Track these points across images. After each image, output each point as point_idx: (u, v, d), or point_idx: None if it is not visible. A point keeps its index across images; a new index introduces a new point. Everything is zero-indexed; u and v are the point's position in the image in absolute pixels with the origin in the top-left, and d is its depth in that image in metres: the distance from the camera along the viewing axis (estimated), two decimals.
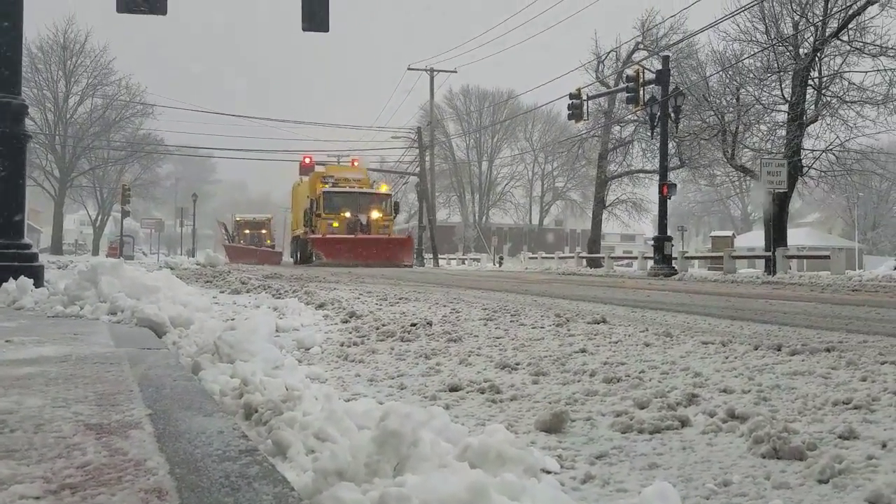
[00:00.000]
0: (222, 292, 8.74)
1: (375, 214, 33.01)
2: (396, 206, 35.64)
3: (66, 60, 43.50)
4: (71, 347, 3.18)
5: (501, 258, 45.29)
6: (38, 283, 6.52)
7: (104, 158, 46.61)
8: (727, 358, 3.42)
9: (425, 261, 39.41)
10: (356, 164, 40.56)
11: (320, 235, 31.03)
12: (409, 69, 40.88)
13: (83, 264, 6.52)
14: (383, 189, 36.72)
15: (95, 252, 47.59)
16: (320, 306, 6.56)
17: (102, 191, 48.89)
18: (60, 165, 43.56)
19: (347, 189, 34.33)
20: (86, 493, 1.21)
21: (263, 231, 55.66)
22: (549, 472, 1.79)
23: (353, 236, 31.03)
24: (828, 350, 3.52)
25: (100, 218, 51.16)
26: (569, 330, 4.63)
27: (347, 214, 32.26)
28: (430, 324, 4.87)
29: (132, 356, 2.94)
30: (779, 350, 3.56)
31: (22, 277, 5.88)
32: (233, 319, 4.89)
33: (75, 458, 1.42)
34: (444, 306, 6.57)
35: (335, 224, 31.90)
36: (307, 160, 40.71)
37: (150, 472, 1.33)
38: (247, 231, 54.26)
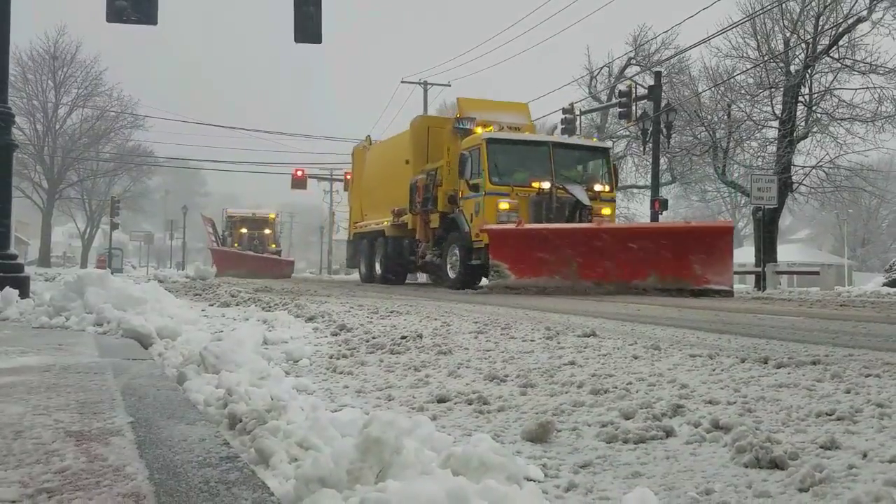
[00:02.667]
0: (211, 305, 8.70)
1: (597, 187, 15.56)
2: (615, 173, 17.66)
3: (56, 70, 43.45)
4: (55, 357, 3.16)
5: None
6: (24, 293, 6.49)
7: (93, 170, 46.46)
8: (714, 370, 3.43)
9: (418, 275, 39.37)
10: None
11: (495, 227, 13.82)
12: (402, 82, 41.03)
13: (70, 276, 6.49)
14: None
15: (84, 265, 47.31)
16: (310, 319, 6.53)
17: (91, 203, 48.69)
18: (49, 177, 43.39)
19: (535, 138, 16.62)
20: (62, 497, 1.20)
21: (266, 232, 39.48)
22: (533, 481, 1.78)
23: (574, 227, 13.80)
24: (814, 363, 3.54)
25: (88, 230, 50.94)
26: (559, 343, 4.64)
27: (545, 186, 14.80)
28: (420, 336, 4.86)
29: (116, 366, 2.93)
30: (765, 363, 3.58)
31: (7, 288, 5.84)
32: (220, 331, 4.88)
33: (54, 464, 1.41)
34: (436, 319, 6.56)
35: (504, 206, 14.75)
36: (299, 173, 40.70)
37: (128, 477, 1.32)
38: (243, 231, 38.67)
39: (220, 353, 3.15)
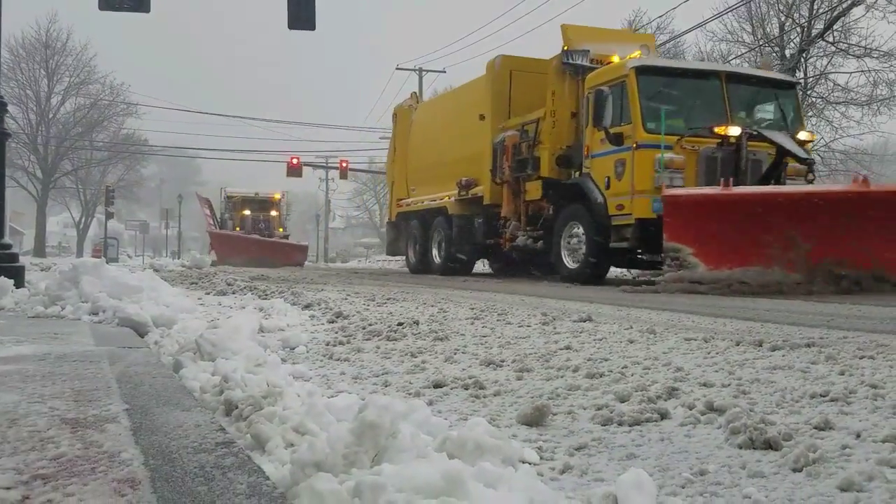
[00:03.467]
0: (207, 294, 8.70)
1: (801, 135, 10.64)
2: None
3: (48, 59, 43.14)
4: (50, 346, 3.15)
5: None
6: (19, 283, 6.48)
7: (87, 159, 46.24)
8: (709, 353, 3.44)
9: None
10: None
11: (681, 192, 9.07)
12: (397, 69, 40.85)
13: (65, 265, 6.48)
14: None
15: (79, 254, 47.17)
16: (307, 307, 6.54)
17: (86, 192, 48.48)
18: (43, 166, 43.18)
19: (704, 67, 12.81)
20: (57, 483, 1.21)
21: (273, 214, 34.47)
22: (528, 463, 1.79)
23: (819, 190, 9.54)
24: (808, 345, 3.55)
25: (83, 220, 50.76)
26: (555, 328, 4.65)
27: (732, 133, 9.90)
28: (417, 323, 4.87)
29: (112, 354, 2.93)
30: (760, 345, 3.59)
31: (2, 278, 5.82)
32: (216, 319, 4.88)
33: (49, 451, 1.41)
34: (432, 306, 6.57)
35: (671, 161, 9.83)
36: (294, 161, 40.50)
37: (123, 463, 1.32)
38: (246, 212, 33.58)
39: (216, 341, 3.15)
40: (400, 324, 4.78)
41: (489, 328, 4.71)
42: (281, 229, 34.03)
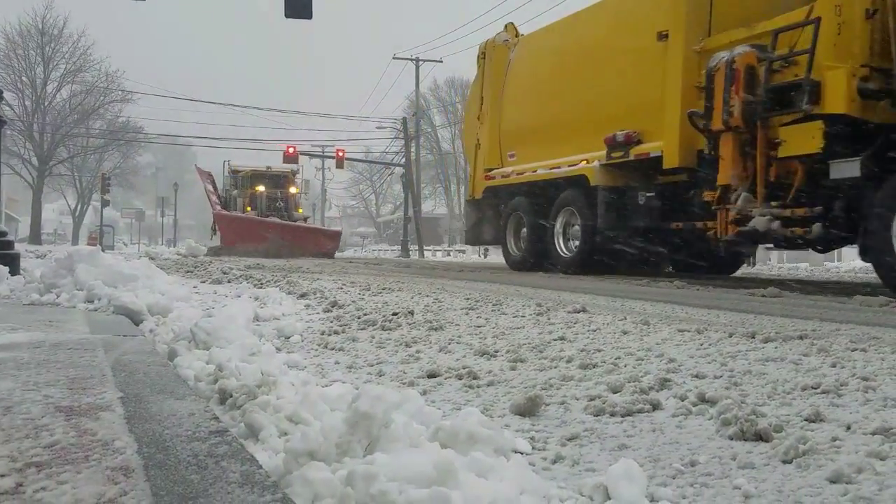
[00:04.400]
0: (203, 282, 8.69)
1: None
2: None
3: (44, 46, 42.92)
4: (45, 334, 3.15)
5: (487, 250, 45.34)
6: (14, 270, 6.46)
7: (83, 146, 46.08)
8: (702, 345, 3.46)
9: (410, 252, 39.41)
10: None
11: None
12: (394, 58, 40.73)
13: (61, 253, 6.47)
14: None
15: (75, 242, 47.08)
16: (302, 296, 6.54)
17: (82, 180, 48.35)
18: (38, 153, 43.03)
19: None
20: (51, 470, 1.21)
21: (291, 191, 28.12)
22: (520, 453, 1.80)
23: None
24: (801, 337, 3.57)
25: (79, 207, 50.64)
26: (549, 319, 4.66)
27: None
28: (411, 313, 4.88)
29: (107, 342, 2.93)
30: (752, 337, 3.61)
31: None
32: (211, 308, 4.88)
33: (43, 439, 1.41)
34: (427, 296, 6.58)
35: None
36: (290, 150, 40.32)
37: (117, 451, 1.33)
38: (259, 189, 27.32)
39: (211, 330, 3.16)
40: (395, 313, 4.78)
41: (484, 318, 4.72)
42: (300, 210, 28.07)
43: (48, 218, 65.01)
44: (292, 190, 28.20)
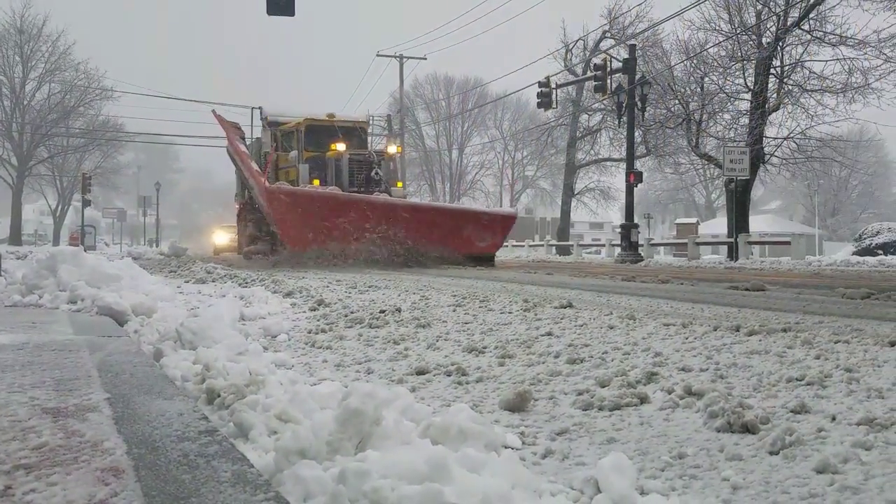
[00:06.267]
0: (187, 282, 8.63)
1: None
2: None
3: (22, 45, 42.36)
4: (28, 335, 3.12)
5: None
6: None
7: (63, 146, 45.54)
8: (687, 338, 3.48)
9: None
10: None
11: None
12: (378, 55, 40.57)
13: (42, 254, 6.39)
14: None
15: (56, 242, 46.55)
16: (288, 294, 6.51)
17: (62, 179, 47.78)
18: (18, 153, 42.49)
19: None
20: (40, 472, 1.20)
21: (391, 151, 17.26)
22: (510, 448, 1.81)
23: None
24: (784, 330, 3.60)
25: (60, 207, 50.05)
26: (536, 314, 4.67)
27: None
28: (399, 310, 4.87)
29: (92, 343, 2.90)
30: (737, 331, 3.64)
31: None
32: (197, 308, 4.85)
33: (31, 441, 1.40)
34: (414, 293, 6.57)
35: None
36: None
37: (106, 452, 1.32)
38: (337, 149, 15.68)
39: (197, 330, 3.14)
40: (382, 311, 4.78)
41: (471, 315, 4.73)
42: (400, 184, 17.24)
43: (28, 218, 64.25)
44: (392, 149, 17.13)
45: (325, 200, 13.80)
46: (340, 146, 15.46)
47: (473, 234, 14.39)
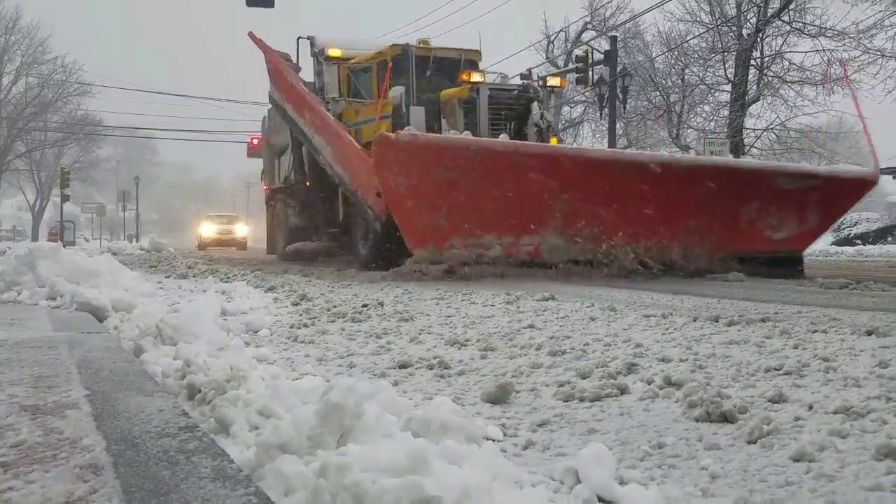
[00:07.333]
0: (168, 277, 8.57)
1: None
2: None
3: None
4: (7, 332, 3.09)
5: None
6: None
7: (41, 140, 44.93)
8: (667, 329, 3.52)
9: None
10: None
11: None
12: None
13: (21, 249, 6.32)
14: None
15: (35, 238, 45.92)
16: (270, 289, 6.49)
17: (40, 174, 47.15)
18: None
19: None
20: (18, 470, 1.19)
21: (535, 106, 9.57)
22: (492, 440, 1.82)
23: None
24: (763, 320, 3.65)
25: (38, 203, 49.40)
26: (518, 307, 4.69)
27: None
28: (381, 304, 4.87)
29: (71, 340, 2.88)
30: (716, 321, 3.68)
31: None
32: (177, 303, 4.82)
33: (9, 438, 1.39)
34: (397, 287, 6.56)
35: None
36: (255, 141, 39.67)
37: (86, 449, 1.31)
38: (472, 78, 9.43)
39: (178, 325, 3.12)
40: (364, 305, 4.77)
41: (454, 308, 4.74)
42: (555, 140, 11.40)
43: (6, 214, 63.42)
44: (554, 81, 12.34)
45: (544, 160, 7.66)
46: (476, 76, 9.69)
47: (761, 216, 8.27)
